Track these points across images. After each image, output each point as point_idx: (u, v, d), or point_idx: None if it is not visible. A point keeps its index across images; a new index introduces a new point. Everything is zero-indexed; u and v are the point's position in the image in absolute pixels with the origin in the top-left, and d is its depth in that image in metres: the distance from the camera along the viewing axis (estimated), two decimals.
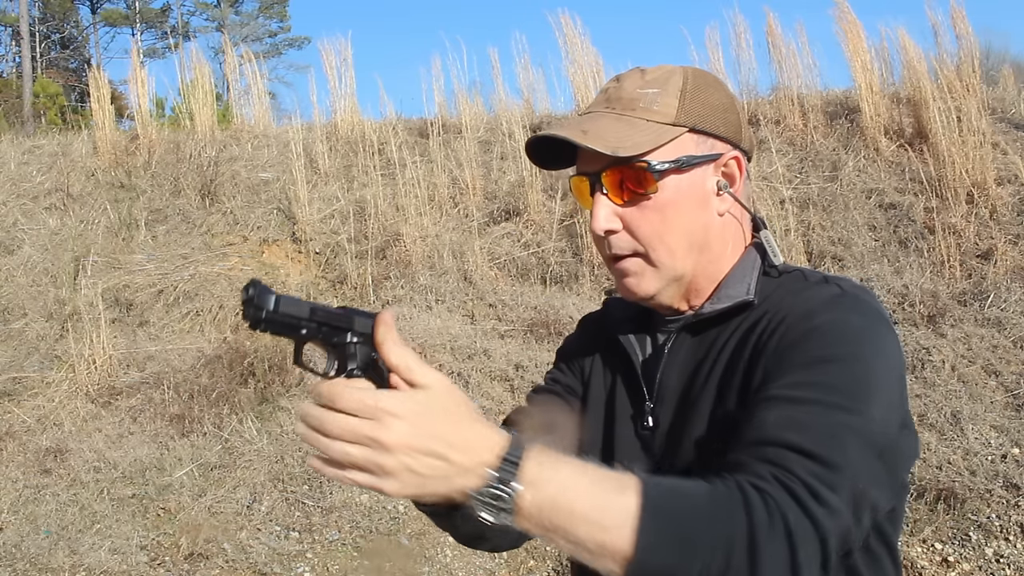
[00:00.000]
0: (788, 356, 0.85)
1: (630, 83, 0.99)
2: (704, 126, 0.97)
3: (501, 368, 4.83)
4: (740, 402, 0.88)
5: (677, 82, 0.98)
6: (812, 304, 0.89)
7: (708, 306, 1.00)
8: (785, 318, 0.90)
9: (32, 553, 3.80)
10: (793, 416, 0.78)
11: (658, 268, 0.97)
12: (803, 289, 0.94)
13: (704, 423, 0.94)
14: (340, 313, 0.76)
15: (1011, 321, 4.56)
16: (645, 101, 0.96)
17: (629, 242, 0.97)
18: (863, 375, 0.82)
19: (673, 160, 0.95)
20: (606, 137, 0.94)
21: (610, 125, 0.95)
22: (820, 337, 0.85)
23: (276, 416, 4.73)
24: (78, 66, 26.77)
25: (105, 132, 7.12)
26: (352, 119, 7.17)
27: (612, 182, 0.96)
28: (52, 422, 4.79)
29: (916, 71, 5.97)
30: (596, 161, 0.95)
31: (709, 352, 0.98)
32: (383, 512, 4.09)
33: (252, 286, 0.70)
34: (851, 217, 5.44)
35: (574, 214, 5.82)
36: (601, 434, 1.05)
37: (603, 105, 0.99)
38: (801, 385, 0.81)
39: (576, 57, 7.05)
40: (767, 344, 0.89)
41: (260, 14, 30.24)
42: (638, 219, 0.96)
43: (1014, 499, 3.57)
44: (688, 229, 0.97)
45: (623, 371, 1.06)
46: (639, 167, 0.94)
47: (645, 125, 0.95)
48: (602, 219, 0.96)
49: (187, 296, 5.68)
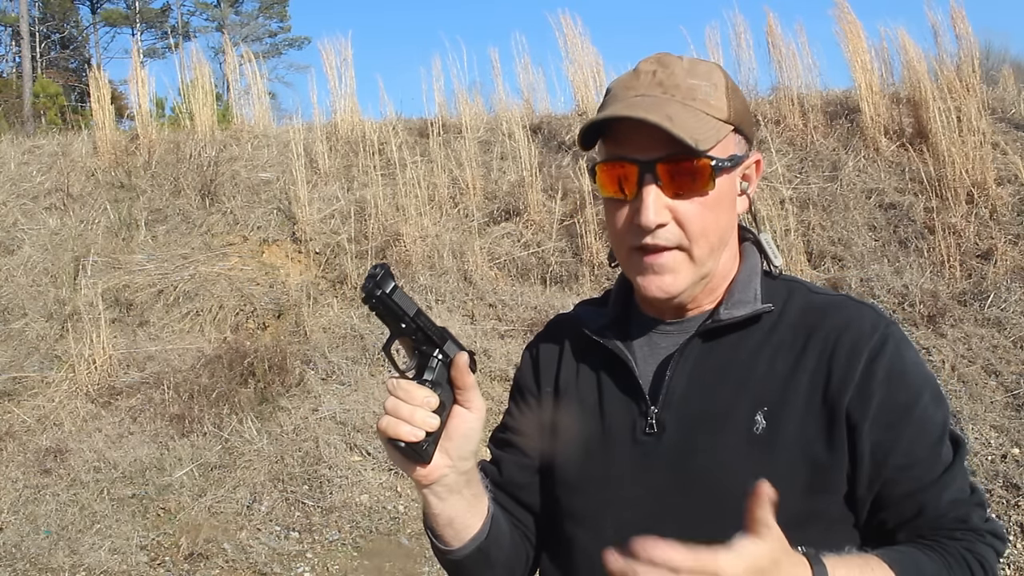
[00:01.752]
0: (891, 416, 0.92)
1: (678, 69, 0.95)
2: (743, 126, 0.97)
3: (501, 368, 4.83)
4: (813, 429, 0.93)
5: (721, 78, 0.96)
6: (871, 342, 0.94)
7: (724, 312, 0.98)
8: (848, 352, 0.93)
9: (32, 553, 3.80)
10: (937, 476, 0.92)
11: (695, 265, 0.95)
12: (839, 308, 0.97)
13: (739, 436, 0.93)
14: (438, 329, 0.89)
15: (1011, 321, 4.56)
16: (702, 93, 0.93)
17: (677, 235, 0.93)
18: (939, 403, 0.96)
19: (728, 158, 0.94)
20: (689, 127, 0.89)
21: (686, 115, 0.90)
22: (904, 385, 0.93)
23: (276, 416, 4.72)
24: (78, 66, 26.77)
25: (105, 132, 7.12)
26: (352, 119, 7.17)
27: (669, 173, 0.91)
28: (52, 422, 4.79)
29: (916, 71, 5.96)
30: (652, 148, 0.90)
31: (731, 362, 0.96)
32: (383, 512, 4.09)
33: (381, 267, 0.83)
34: (851, 217, 5.44)
35: (574, 214, 5.82)
36: (599, 438, 1.01)
37: (658, 90, 0.93)
38: (917, 444, 0.92)
39: (576, 57, 7.06)
40: (838, 383, 0.92)
41: (260, 14, 30.24)
42: (690, 213, 0.92)
43: (1014, 499, 3.57)
44: (724, 229, 0.97)
45: (615, 375, 1.02)
46: (704, 163, 0.91)
47: (706, 119, 0.92)
48: (653, 212, 0.91)
49: (187, 296, 5.68)
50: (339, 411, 4.68)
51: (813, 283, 1.05)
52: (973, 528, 0.92)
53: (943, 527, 0.92)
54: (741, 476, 0.90)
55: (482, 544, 0.98)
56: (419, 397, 0.87)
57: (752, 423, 0.93)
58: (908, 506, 0.92)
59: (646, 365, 1.01)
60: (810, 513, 0.89)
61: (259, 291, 5.74)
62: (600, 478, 0.99)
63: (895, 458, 0.91)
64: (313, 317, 5.47)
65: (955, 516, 0.92)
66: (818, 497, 0.91)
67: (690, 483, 0.93)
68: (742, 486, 0.89)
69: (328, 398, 4.81)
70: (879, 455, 0.91)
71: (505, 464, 1.09)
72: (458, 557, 0.98)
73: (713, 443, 0.93)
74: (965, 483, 0.94)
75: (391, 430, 0.87)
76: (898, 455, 0.91)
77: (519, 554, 1.07)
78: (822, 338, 0.94)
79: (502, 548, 1.02)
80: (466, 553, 0.98)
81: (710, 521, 0.91)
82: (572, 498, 1.02)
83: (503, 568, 1.04)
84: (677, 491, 0.94)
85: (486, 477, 1.08)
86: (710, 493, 0.92)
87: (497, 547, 1.01)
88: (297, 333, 5.39)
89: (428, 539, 1.01)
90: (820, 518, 0.90)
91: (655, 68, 0.96)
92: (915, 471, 0.92)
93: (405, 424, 0.87)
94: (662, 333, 1.02)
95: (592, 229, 5.57)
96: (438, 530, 0.97)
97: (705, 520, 0.91)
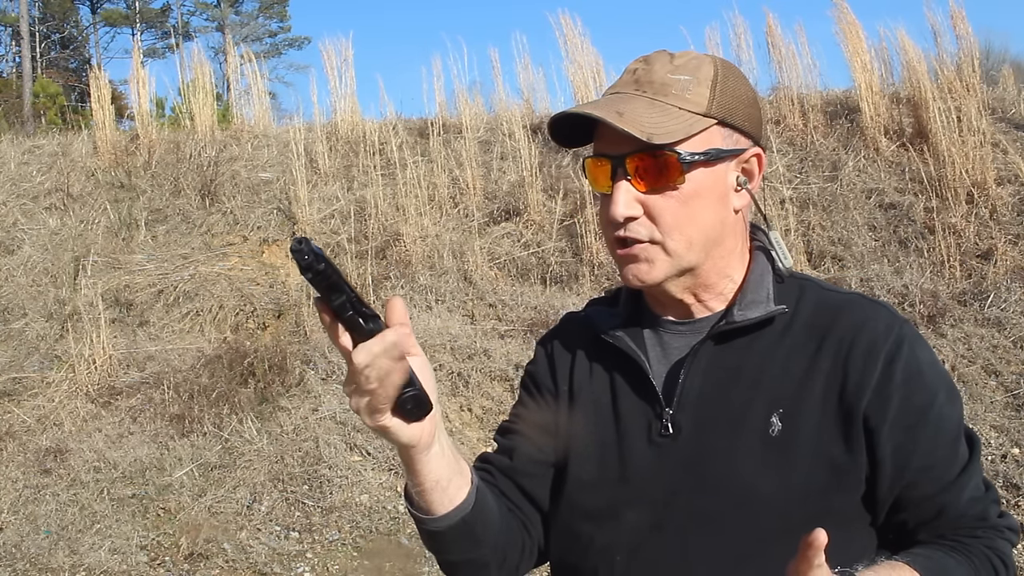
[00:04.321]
0: (909, 417, 0.92)
1: (660, 66, 0.96)
2: (732, 119, 0.95)
3: (501, 368, 4.83)
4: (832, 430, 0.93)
5: (708, 71, 0.95)
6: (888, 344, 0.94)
7: (738, 314, 0.97)
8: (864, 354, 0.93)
9: (32, 553, 3.80)
10: (955, 475, 0.94)
11: (671, 257, 0.95)
12: (853, 307, 0.97)
13: (755, 438, 0.93)
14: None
15: (1011, 321, 4.56)
16: (678, 88, 0.93)
17: (648, 229, 0.94)
18: (954, 402, 0.97)
19: (703, 152, 0.93)
20: (641, 121, 0.90)
21: (644, 109, 0.92)
22: (921, 386, 0.94)
23: (276, 416, 4.72)
24: (78, 66, 26.80)
25: (105, 132, 7.11)
26: (352, 119, 7.16)
27: (637, 168, 0.93)
28: (52, 422, 4.79)
29: (916, 71, 5.96)
30: (622, 144, 0.92)
31: (744, 363, 0.96)
32: (383, 512, 4.09)
33: (304, 240, 0.73)
34: (851, 217, 5.44)
35: (574, 214, 5.82)
36: (613, 438, 1.01)
37: (632, 87, 0.96)
38: (936, 444, 0.93)
39: (576, 57, 7.05)
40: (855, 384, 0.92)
41: (260, 14, 30.25)
42: (661, 207, 0.93)
43: (1014, 499, 3.58)
44: (707, 223, 0.95)
45: (627, 376, 1.02)
46: (669, 157, 0.91)
47: (677, 113, 0.92)
48: (622, 205, 0.93)
49: (187, 296, 5.68)
50: (339, 411, 4.68)
51: (824, 281, 1.04)
52: (992, 525, 0.95)
53: (963, 526, 0.94)
54: (757, 478, 0.91)
55: (467, 516, 0.94)
56: (394, 337, 0.77)
57: (768, 425, 0.93)
58: (928, 507, 0.94)
59: (659, 366, 1.01)
60: (826, 512, 0.89)
61: (259, 291, 5.74)
62: (616, 479, 0.99)
63: (916, 460, 0.92)
64: (313, 317, 5.46)
65: (974, 515, 0.94)
66: (834, 497, 0.91)
67: (706, 484, 0.93)
68: (758, 487, 0.91)
69: (328, 398, 4.81)
70: (900, 458, 0.92)
71: (517, 453, 1.07)
72: (442, 527, 0.94)
73: (729, 445, 0.93)
74: (980, 480, 0.96)
75: (396, 377, 0.78)
76: (918, 457, 0.92)
77: (512, 541, 1.04)
78: (837, 339, 0.94)
79: (489, 527, 0.99)
80: (451, 523, 0.94)
81: (726, 522, 0.92)
82: (587, 496, 1.01)
83: (491, 549, 1.00)
84: (693, 492, 0.94)
85: (490, 465, 1.07)
86: (727, 494, 0.92)
87: (483, 525, 0.98)
88: (297, 333, 5.40)
89: (411, 515, 0.96)
90: (835, 516, 0.90)
91: (639, 66, 0.98)
92: (935, 472, 0.93)
93: (400, 364, 0.78)
94: (673, 333, 1.02)
95: (592, 229, 5.57)
96: (428, 496, 0.92)
97: (721, 521, 0.92)
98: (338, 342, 0.78)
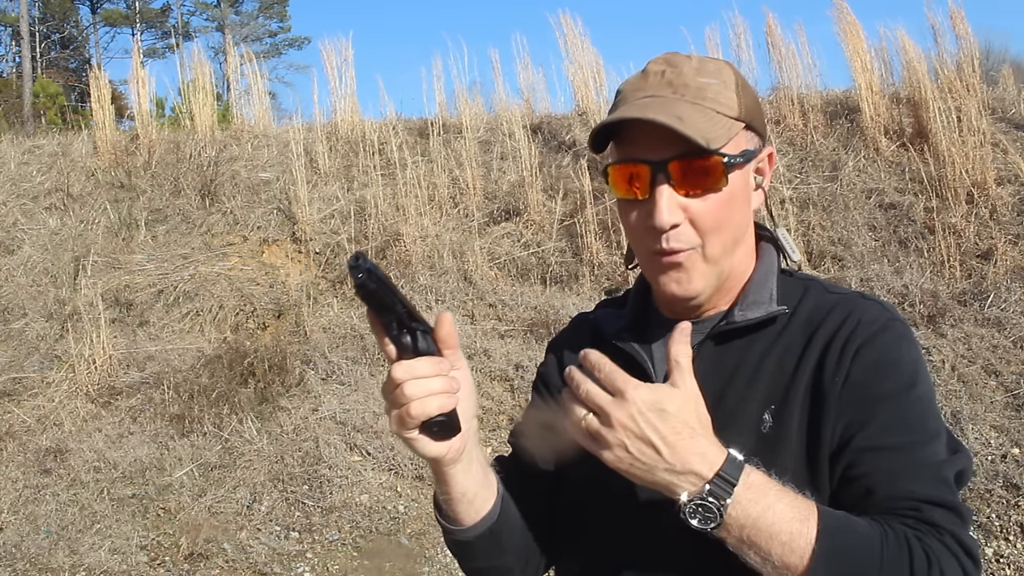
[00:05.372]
0: (868, 398, 0.89)
1: (688, 69, 0.96)
2: (754, 122, 0.97)
3: (501, 368, 4.83)
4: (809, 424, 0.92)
5: (731, 75, 0.97)
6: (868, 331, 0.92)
7: (738, 314, 0.98)
8: (842, 344, 0.91)
9: (32, 553, 3.80)
10: (906, 466, 0.86)
11: (709, 264, 0.95)
12: (844, 304, 0.95)
13: (750, 435, 0.93)
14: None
15: (1011, 321, 4.56)
16: (712, 92, 0.94)
17: (692, 236, 0.93)
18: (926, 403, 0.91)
19: (740, 155, 0.94)
20: (699, 126, 0.90)
21: (696, 114, 0.91)
22: (896, 372, 0.91)
23: (276, 416, 4.72)
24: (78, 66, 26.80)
25: (105, 132, 7.11)
26: (352, 119, 7.17)
27: (682, 172, 0.91)
28: (52, 422, 4.79)
29: (916, 71, 5.96)
30: (662, 149, 0.91)
31: (742, 362, 0.97)
32: (383, 512, 4.09)
33: (361, 256, 0.77)
34: (851, 217, 5.44)
35: (574, 214, 5.82)
36: None
37: (668, 90, 0.94)
38: (892, 433, 0.88)
39: (576, 57, 7.06)
40: (830, 374, 0.91)
41: (260, 14, 30.25)
42: (703, 212, 0.92)
43: (1014, 499, 3.57)
44: (739, 224, 0.96)
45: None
46: (715, 160, 0.91)
47: (716, 117, 0.93)
48: (667, 212, 0.91)
49: (187, 296, 5.68)
50: (339, 411, 4.69)
51: (830, 282, 1.04)
52: (932, 523, 0.82)
53: (894, 511, 0.84)
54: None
55: (493, 526, 0.98)
56: (439, 367, 0.84)
57: (761, 422, 0.93)
58: (859, 486, 0.87)
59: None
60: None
61: (259, 291, 5.74)
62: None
63: (860, 440, 0.87)
64: (313, 317, 5.47)
65: (910, 506, 0.84)
66: (820, 495, 0.91)
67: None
68: None
69: (328, 398, 4.81)
70: (846, 436, 0.88)
71: (530, 455, 1.09)
72: (470, 537, 0.97)
73: (726, 443, 0.93)
74: (949, 492, 0.86)
75: (430, 406, 0.83)
76: (864, 438, 0.87)
77: (532, 544, 1.07)
78: (824, 334, 0.94)
79: (513, 534, 1.02)
80: (478, 533, 0.97)
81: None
82: (594, 494, 1.03)
83: (514, 556, 1.03)
84: None
85: (506, 468, 1.08)
86: None
87: (508, 533, 1.01)
88: (297, 333, 5.40)
89: (439, 523, 0.99)
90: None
91: (664, 68, 0.97)
92: (880, 459, 0.87)
93: (436, 397, 0.83)
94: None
95: (592, 229, 5.57)
96: (455, 507, 0.95)
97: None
98: (384, 349, 0.84)
